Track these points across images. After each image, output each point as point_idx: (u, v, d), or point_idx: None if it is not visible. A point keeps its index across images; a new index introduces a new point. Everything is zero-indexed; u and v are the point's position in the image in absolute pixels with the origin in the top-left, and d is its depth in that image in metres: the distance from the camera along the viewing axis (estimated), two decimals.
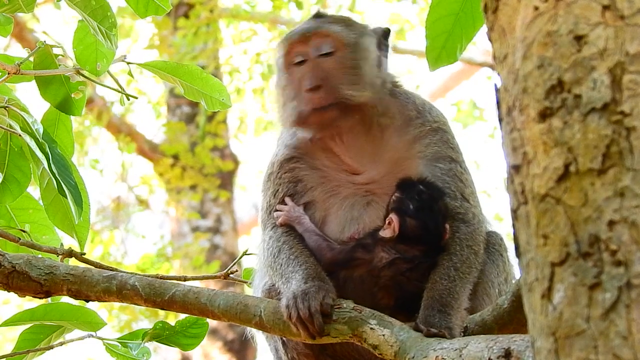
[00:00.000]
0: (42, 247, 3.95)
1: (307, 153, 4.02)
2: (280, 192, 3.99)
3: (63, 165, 3.73)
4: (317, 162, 4.01)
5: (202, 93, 4.08)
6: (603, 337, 1.94)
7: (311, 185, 3.97)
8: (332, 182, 3.97)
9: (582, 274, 1.99)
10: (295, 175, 4.00)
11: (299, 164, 4.01)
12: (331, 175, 3.97)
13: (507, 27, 2.18)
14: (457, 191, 3.89)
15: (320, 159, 4.00)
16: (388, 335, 3.39)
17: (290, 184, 3.99)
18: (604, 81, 2.02)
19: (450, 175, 3.91)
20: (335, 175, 3.97)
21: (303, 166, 4.01)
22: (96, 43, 3.93)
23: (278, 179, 4.01)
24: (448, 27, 3.56)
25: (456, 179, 3.91)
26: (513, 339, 3.03)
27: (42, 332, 3.90)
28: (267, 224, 4.00)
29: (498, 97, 2.23)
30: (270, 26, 14.17)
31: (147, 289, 3.67)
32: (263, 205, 4.07)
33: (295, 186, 3.98)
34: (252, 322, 3.63)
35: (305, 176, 3.99)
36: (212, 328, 12.27)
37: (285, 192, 3.98)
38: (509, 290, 3.55)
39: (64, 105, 4.04)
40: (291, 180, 3.99)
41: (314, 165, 4.00)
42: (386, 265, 3.74)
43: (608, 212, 1.98)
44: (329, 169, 3.99)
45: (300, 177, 3.99)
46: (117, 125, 13.76)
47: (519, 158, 2.13)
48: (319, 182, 3.98)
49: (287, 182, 3.99)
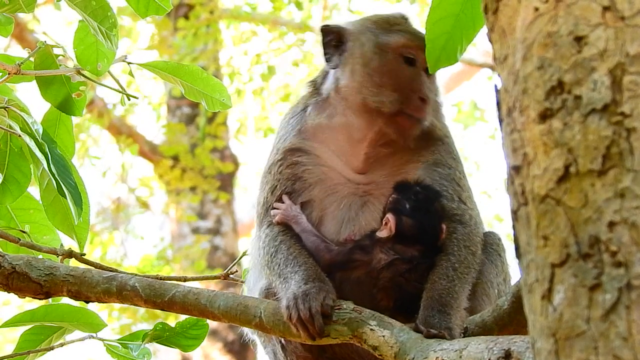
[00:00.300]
0: (42, 248, 3.95)
1: (313, 143, 4.02)
2: (278, 190, 3.99)
3: (63, 166, 3.73)
4: (321, 155, 4.00)
5: (202, 93, 4.08)
6: (603, 338, 1.94)
7: (310, 184, 3.97)
8: (332, 180, 3.97)
9: (582, 275, 1.99)
10: (295, 173, 3.99)
11: (302, 157, 4.01)
12: (332, 172, 3.98)
13: (507, 28, 2.18)
14: (454, 194, 3.92)
15: (325, 152, 4.00)
16: (388, 336, 3.39)
17: (288, 182, 3.98)
18: (604, 82, 2.03)
19: (449, 179, 3.95)
20: (337, 171, 3.98)
21: (305, 160, 4.00)
22: (97, 43, 3.94)
23: (278, 174, 4.01)
24: (448, 28, 3.56)
25: (454, 183, 3.95)
26: (513, 340, 3.04)
27: (43, 333, 3.90)
28: (263, 221, 4.00)
29: (498, 98, 2.23)
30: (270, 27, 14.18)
31: (147, 290, 3.67)
32: (260, 199, 4.06)
33: (293, 184, 3.98)
34: (252, 323, 3.64)
35: (305, 172, 3.99)
36: (213, 329, 12.27)
37: (283, 189, 3.98)
38: (509, 291, 3.55)
39: (65, 105, 4.04)
40: (290, 178, 3.99)
41: (316, 160, 4.00)
42: (385, 266, 3.74)
43: (608, 213, 1.98)
44: (332, 163, 3.99)
45: (300, 174, 3.99)
46: (117, 126, 13.77)
47: (519, 159, 2.13)
48: (319, 179, 3.97)
49: (285, 180, 3.99)
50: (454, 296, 3.66)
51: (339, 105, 4.02)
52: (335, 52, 4.05)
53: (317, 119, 4.06)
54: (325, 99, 4.07)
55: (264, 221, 3.99)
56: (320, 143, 4.03)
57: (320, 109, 4.07)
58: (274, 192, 4.00)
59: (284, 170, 4.01)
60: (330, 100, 4.05)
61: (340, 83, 4.01)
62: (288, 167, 4.01)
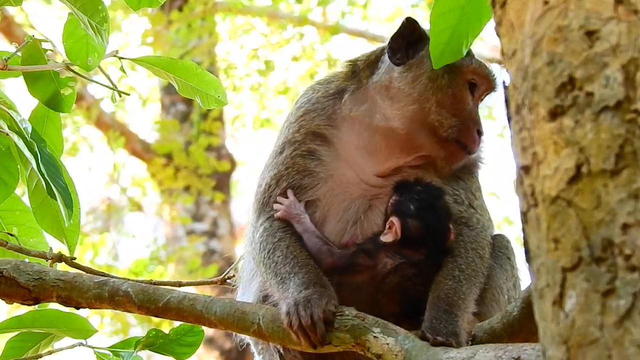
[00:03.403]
0: (30, 252, 3.96)
1: (339, 133, 3.95)
2: (284, 181, 3.93)
3: (53, 166, 3.73)
4: (343, 148, 3.94)
5: (197, 90, 4.08)
6: (617, 346, 1.95)
7: (318, 182, 3.93)
8: (345, 177, 3.91)
9: (595, 279, 1.99)
10: (307, 166, 3.93)
11: (321, 146, 3.95)
12: (348, 170, 3.92)
13: (515, 21, 2.19)
14: (465, 199, 3.92)
15: (348, 146, 3.94)
16: (392, 344, 3.39)
17: (297, 175, 3.94)
18: (617, 78, 2.03)
19: (464, 188, 3.95)
20: (353, 171, 3.92)
21: (323, 151, 3.94)
22: (87, 37, 3.94)
23: (290, 159, 3.94)
24: (453, 21, 3.57)
25: (468, 191, 3.95)
26: (523, 348, 3.04)
27: (30, 340, 3.90)
28: (262, 211, 3.95)
29: (507, 95, 2.24)
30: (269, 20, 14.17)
31: (140, 296, 3.68)
32: (262, 183, 4.00)
33: (302, 179, 3.94)
34: (250, 330, 3.64)
35: (318, 166, 3.93)
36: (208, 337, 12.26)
37: (290, 182, 3.93)
38: (519, 297, 3.55)
39: (53, 102, 4.04)
40: (300, 171, 3.94)
41: (335, 154, 3.93)
42: (391, 270, 3.74)
43: (622, 215, 1.99)
44: (353, 161, 3.93)
45: (313, 167, 3.93)
46: (108, 123, 13.76)
47: (529, 158, 2.13)
48: (330, 175, 3.92)
49: (295, 172, 3.94)
50: (460, 296, 3.65)
51: (383, 105, 3.94)
52: (403, 50, 3.96)
53: (353, 110, 3.98)
54: (364, 91, 3.99)
55: (264, 212, 3.95)
56: (347, 135, 3.98)
57: (358, 101, 3.98)
58: (280, 182, 3.94)
59: (297, 158, 3.95)
60: (372, 94, 3.97)
61: (397, 84, 3.93)
62: (302, 156, 3.95)
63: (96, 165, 14.34)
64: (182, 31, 13.26)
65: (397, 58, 3.95)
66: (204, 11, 13.57)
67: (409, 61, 3.94)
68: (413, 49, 3.95)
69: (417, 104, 3.89)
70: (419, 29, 3.97)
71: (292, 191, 3.92)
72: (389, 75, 3.96)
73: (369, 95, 3.98)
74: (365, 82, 4.01)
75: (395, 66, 3.95)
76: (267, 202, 3.95)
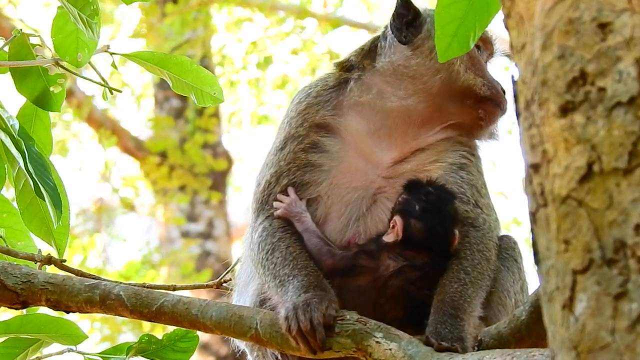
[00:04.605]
0: (18, 254, 3.95)
1: (347, 120, 4.00)
2: (285, 178, 3.95)
3: (41, 165, 3.73)
4: (351, 136, 3.98)
5: (192, 86, 4.08)
6: (629, 352, 1.95)
7: (320, 177, 3.92)
8: (350, 166, 3.93)
9: (606, 282, 1.99)
10: (311, 160, 3.95)
11: (327, 138, 3.98)
12: (357, 160, 3.94)
13: (525, 13, 2.19)
14: (471, 198, 3.94)
15: (358, 133, 3.98)
16: (395, 350, 3.39)
17: (299, 172, 3.94)
18: (631, 73, 2.03)
19: (469, 184, 3.97)
20: (363, 159, 3.95)
21: (329, 142, 3.97)
22: (77, 32, 3.93)
23: (292, 154, 3.96)
24: (460, 13, 3.56)
25: (474, 189, 3.97)
26: (531, 353, 3.04)
27: (18, 346, 3.90)
28: (261, 210, 3.96)
29: (515, 90, 2.23)
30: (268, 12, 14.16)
31: (132, 299, 3.67)
32: (261, 182, 4.02)
33: (303, 175, 3.94)
34: (248, 335, 3.64)
35: (322, 158, 3.95)
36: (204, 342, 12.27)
37: (291, 179, 3.94)
38: (527, 301, 3.55)
39: (42, 99, 4.04)
40: (301, 167, 3.95)
41: (341, 144, 3.96)
42: (394, 273, 3.74)
43: (635, 215, 1.99)
44: (363, 147, 3.96)
45: (315, 160, 3.95)
46: (99, 120, 13.76)
47: (538, 156, 2.13)
48: (333, 165, 3.93)
49: (296, 168, 3.95)
50: (466, 300, 3.66)
51: (397, 85, 4.02)
52: (405, 29, 4.07)
53: (363, 95, 4.04)
54: (370, 76, 4.06)
55: (263, 211, 3.96)
56: (356, 123, 4.02)
57: (366, 86, 4.05)
58: (280, 179, 3.96)
59: (299, 152, 3.97)
60: (380, 78, 4.05)
61: (414, 60, 4.02)
62: (305, 150, 3.97)
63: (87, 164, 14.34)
64: (175, 24, 13.25)
65: (404, 36, 4.05)
66: (200, 3, 13.57)
67: (417, 36, 4.05)
68: (414, 25, 4.07)
69: (443, 72, 4.00)
70: (413, 6, 4.10)
71: (293, 189, 3.92)
72: (399, 55, 4.06)
73: (376, 81, 4.05)
74: (371, 69, 4.08)
75: (402, 45, 4.05)
76: (267, 200, 3.96)
